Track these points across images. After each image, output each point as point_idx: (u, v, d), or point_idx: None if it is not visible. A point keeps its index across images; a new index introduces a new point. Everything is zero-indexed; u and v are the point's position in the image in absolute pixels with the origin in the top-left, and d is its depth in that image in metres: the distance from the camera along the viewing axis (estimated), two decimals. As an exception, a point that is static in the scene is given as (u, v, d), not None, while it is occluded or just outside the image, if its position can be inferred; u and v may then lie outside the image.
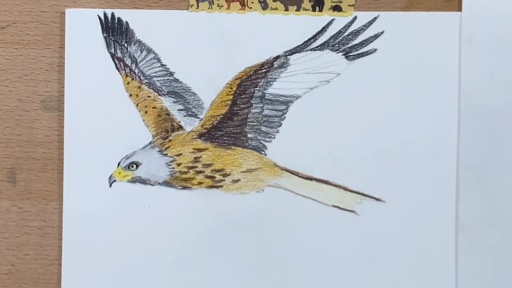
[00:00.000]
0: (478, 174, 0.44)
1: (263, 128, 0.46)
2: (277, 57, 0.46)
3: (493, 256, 0.44)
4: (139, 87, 0.46)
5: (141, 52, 0.46)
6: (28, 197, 0.47)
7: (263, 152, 0.46)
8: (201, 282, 0.46)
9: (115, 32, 0.46)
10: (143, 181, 0.46)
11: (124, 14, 0.46)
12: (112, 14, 0.46)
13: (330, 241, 0.45)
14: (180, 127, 0.46)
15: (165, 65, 0.46)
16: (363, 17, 0.45)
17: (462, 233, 0.44)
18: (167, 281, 0.46)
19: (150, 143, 0.46)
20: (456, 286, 0.44)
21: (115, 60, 0.46)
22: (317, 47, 0.46)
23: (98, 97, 0.46)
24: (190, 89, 0.46)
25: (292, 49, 0.46)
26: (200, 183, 0.46)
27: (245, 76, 0.46)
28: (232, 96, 0.46)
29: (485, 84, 0.44)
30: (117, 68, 0.46)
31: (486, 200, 0.43)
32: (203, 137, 0.46)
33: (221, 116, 0.46)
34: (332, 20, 0.46)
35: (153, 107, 0.46)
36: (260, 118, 0.46)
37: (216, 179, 0.46)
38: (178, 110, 0.46)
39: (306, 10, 0.46)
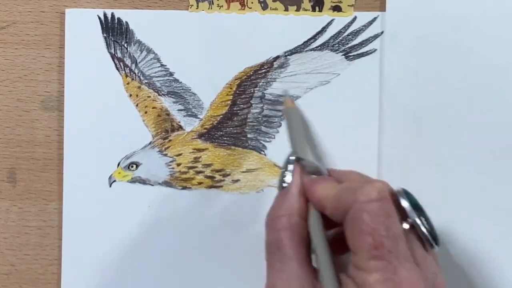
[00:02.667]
0: (400, 174, 0.44)
1: (263, 128, 0.46)
2: (277, 57, 0.46)
3: None
4: (139, 87, 0.46)
5: (141, 52, 0.46)
6: (28, 197, 0.47)
7: (263, 152, 0.46)
8: (201, 282, 0.46)
9: (115, 32, 0.46)
10: (143, 181, 0.46)
11: (124, 14, 0.46)
12: (112, 14, 0.46)
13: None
14: (180, 127, 0.47)
15: (165, 65, 0.46)
16: (363, 17, 0.45)
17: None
18: (167, 281, 0.46)
19: (150, 143, 0.46)
20: None
21: (115, 60, 0.46)
22: (317, 47, 0.46)
23: (98, 97, 0.46)
24: (190, 89, 0.46)
25: (292, 49, 0.46)
26: (200, 183, 0.46)
27: (245, 76, 0.46)
28: (232, 96, 0.46)
29: (408, 85, 0.44)
30: (117, 68, 0.46)
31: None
32: (203, 137, 0.46)
33: (221, 116, 0.46)
34: (332, 20, 0.46)
35: (153, 107, 0.46)
36: (260, 118, 0.46)
37: (216, 179, 0.46)
38: (178, 110, 0.46)
39: (306, 10, 0.46)
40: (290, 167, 0.38)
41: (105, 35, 0.46)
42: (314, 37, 0.46)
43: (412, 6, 0.45)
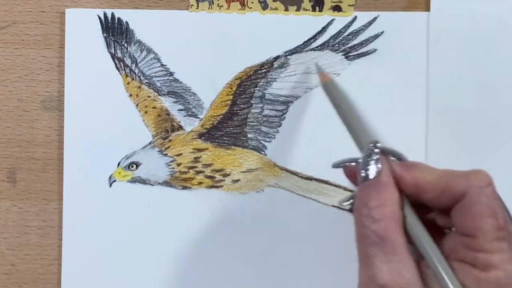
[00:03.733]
0: None
1: (263, 128, 0.46)
2: (277, 57, 0.46)
3: None
4: (139, 87, 0.46)
5: (141, 52, 0.46)
6: (28, 197, 0.47)
7: (263, 152, 0.46)
8: (201, 282, 0.46)
9: (115, 32, 0.46)
10: (143, 181, 0.46)
11: (124, 14, 0.46)
12: (112, 14, 0.46)
13: (330, 241, 0.45)
14: (180, 127, 0.47)
15: (165, 65, 0.46)
16: (363, 17, 0.45)
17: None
18: (167, 281, 0.46)
19: (150, 143, 0.46)
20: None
21: (115, 60, 0.46)
22: (317, 47, 0.46)
23: (98, 97, 0.46)
24: (190, 89, 0.46)
25: (292, 49, 0.46)
26: (200, 183, 0.46)
27: (245, 76, 0.46)
28: (232, 96, 0.46)
29: (453, 86, 0.44)
30: (117, 68, 0.46)
31: None
32: (203, 137, 0.46)
33: (221, 116, 0.46)
34: (332, 20, 0.46)
35: (153, 107, 0.46)
36: (260, 118, 0.46)
37: (216, 179, 0.46)
38: (178, 110, 0.46)
39: (306, 10, 0.46)
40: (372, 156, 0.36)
41: (105, 35, 0.46)
42: (314, 37, 0.46)
43: (457, 6, 0.44)
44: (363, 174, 0.36)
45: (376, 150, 0.36)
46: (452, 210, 0.34)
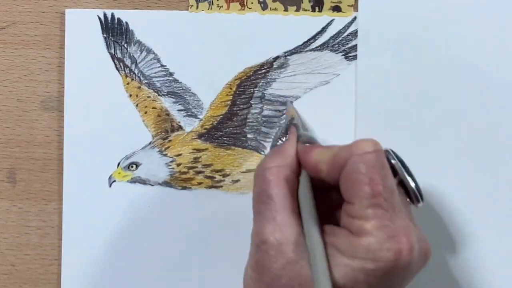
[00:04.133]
0: None
1: (263, 129, 0.46)
2: (277, 57, 0.46)
3: None
4: (139, 87, 0.46)
5: (141, 53, 0.46)
6: (28, 197, 0.47)
7: (263, 152, 0.46)
8: (201, 282, 0.46)
9: (115, 32, 0.46)
10: (143, 181, 0.46)
11: (124, 14, 0.46)
12: (112, 15, 0.46)
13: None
14: (180, 128, 0.47)
15: (165, 66, 0.46)
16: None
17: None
18: (167, 281, 0.46)
19: (150, 143, 0.46)
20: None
21: (115, 61, 0.46)
22: (316, 47, 0.46)
23: (98, 97, 0.46)
24: (190, 90, 0.46)
25: (292, 49, 0.46)
26: (199, 183, 0.46)
27: (245, 77, 0.46)
28: (231, 96, 0.46)
29: (381, 85, 0.45)
30: (117, 69, 0.46)
31: None
32: (202, 137, 0.46)
33: (221, 116, 0.46)
34: (332, 20, 0.46)
35: (153, 108, 0.46)
36: (259, 119, 0.46)
37: (216, 179, 0.46)
38: (178, 110, 0.47)
39: (306, 10, 0.46)
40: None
41: (105, 35, 0.46)
42: (314, 37, 0.46)
43: (385, 6, 0.45)
44: (273, 144, 0.39)
45: (291, 126, 0.39)
46: (339, 181, 0.35)
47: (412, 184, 0.36)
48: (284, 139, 0.39)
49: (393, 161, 0.36)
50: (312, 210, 0.35)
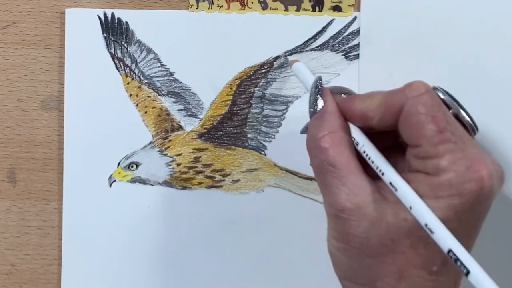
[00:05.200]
0: None
1: (263, 128, 0.46)
2: (277, 57, 0.46)
3: None
4: (139, 87, 0.46)
5: (141, 52, 0.46)
6: (28, 197, 0.47)
7: (263, 152, 0.46)
8: (201, 282, 0.46)
9: (115, 32, 0.46)
10: (143, 181, 0.46)
11: (124, 14, 0.46)
12: (112, 14, 0.46)
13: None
14: (180, 127, 0.47)
15: (165, 65, 0.46)
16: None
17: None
18: (167, 281, 0.46)
19: (150, 143, 0.46)
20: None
21: (115, 60, 0.46)
22: (317, 47, 0.46)
23: (98, 97, 0.46)
24: (190, 89, 0.46)
25: (292, 49, 0.46)
26: (200, 183, 0.46)
27: (245, 76, 0.46)
28: (232, 96, 0.46)
29: (383, 85, 0.45)
30: (117, 68, 0.46)
31: None
32: (203, 137, 0.46)
33: (221, 116, 0.46)
34: (332, 20, 0.46)
35: (153, 107, 0.46)
36: (260, 118, 0.46)
37: (216, 179, 0.46)
38: (178, 110, 0.46)
39: (306, 10, 0.46)
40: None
41: (105, 35, 0.46)
42: (314, 37, 0.46)
43: (388, 6, 0.45)
44: (311, 110, 0.37)
45: (320, 87, 0.37)
46: (398, 127, 0.35)
47: (467, 117, 0.35)
48: (319, 101, 0.37)
49: (443, 97, 0.35)
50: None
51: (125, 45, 0.46)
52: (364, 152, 0.35)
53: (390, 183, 0.34)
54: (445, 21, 0.44)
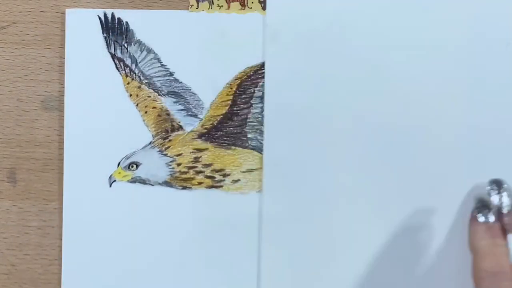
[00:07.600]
0: (282, 172, 0.45)
1: (263, 128, 0.46)
2: (277, 57, 0.46)
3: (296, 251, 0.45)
4: (139, 87, 0.46)
5: (141, 52, 0.46)
6: (28, 197, 0.47)
7: (263, 152, 0.46)
8: (201, 282, 0.46)
9: (115, 32, 0.46)
10: (143, 181, 0.46)
11: (124, 14, 0.46)
12: (112, 14, 0.46)
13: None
14: (180, 127, 0.47)
15: (165, 65, 0.46)
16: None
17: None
18: (167, 281, 0.46)
19: (150, 143, 0.46)
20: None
21: (115, 60, 0.46)
22: (317, 47, 0.46)
23: (98, 97, 0.46)
24: (190, 89, 0.46)
25: (292, 49, 0.46)
26: (200, 183, 0.46)
27: (245, 76, 0.46)
28: (232, 96, 0.46)
29: (289, 82, 0.45)
30: (117, 68, 0.46)
31: (290, 196, 0.45)
32: (203, 137, 0.46)
33: (221, 116, 0.46)
34: (332, 20, 0.46)
35: (153, 107, 0.46)
36: (260, 118, 0.46)
37: (216, 179, 0.46)
38: (178, 110, 0.46)
39: (306, 10, 0.46)
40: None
41: (105, 35, 0.46)
42: (314, 37, 0.46)
43: (293, 5, 0.45)
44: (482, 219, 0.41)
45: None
46: None
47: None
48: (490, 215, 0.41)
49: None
50: None
51: (125, 45, 0.46)
52: None
53: None
54: (352, 19, 0.45)
